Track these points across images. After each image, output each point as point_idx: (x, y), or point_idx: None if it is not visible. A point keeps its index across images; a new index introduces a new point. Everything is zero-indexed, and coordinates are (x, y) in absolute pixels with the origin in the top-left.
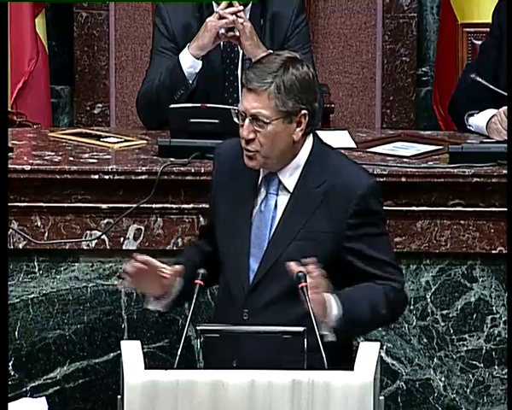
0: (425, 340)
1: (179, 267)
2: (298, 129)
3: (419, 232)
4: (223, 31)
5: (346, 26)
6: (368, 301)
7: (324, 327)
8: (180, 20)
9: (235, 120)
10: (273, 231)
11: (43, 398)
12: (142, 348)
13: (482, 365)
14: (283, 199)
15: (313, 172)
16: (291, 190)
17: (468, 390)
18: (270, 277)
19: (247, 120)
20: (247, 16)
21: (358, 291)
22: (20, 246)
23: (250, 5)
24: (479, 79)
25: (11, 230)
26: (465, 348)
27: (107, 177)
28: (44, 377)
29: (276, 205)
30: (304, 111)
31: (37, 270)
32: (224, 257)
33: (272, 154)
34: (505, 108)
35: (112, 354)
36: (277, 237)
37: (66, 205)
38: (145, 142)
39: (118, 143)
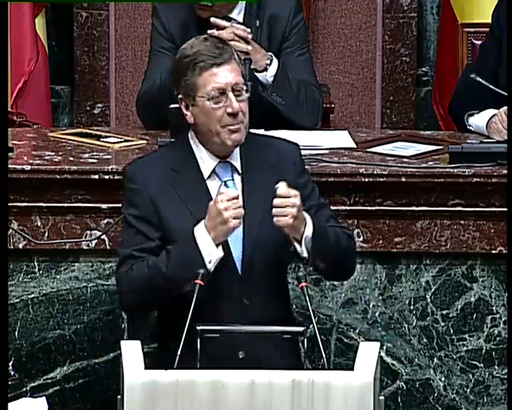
0: (425, 340)
1: None
2: None
3: (419, 232)
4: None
5: (346, 26)
6: (332, 230)
7: (300, 246)
8: (178, 19)
9: (207, 103)
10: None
11: (43, 398)
12: (142, 348)
13: (482, 365)
14: (238, 182)
15: (250, 149)
16: (240, 171)
17: (468, 390)
18: (257, 258)
19: (230, 94)
20: (241, 18)
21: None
22: (20, 246)
23: (244, 6)
24: (479, 79)
25: (11, 230)
26: (465, 348)
27: (107, 177)
28: (44, 377)
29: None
30: None
31: (37, 270)
32: None
33: (247, 122)
34: (505, 107)
35: (112, 354)
36: (249, 219)
37: (66, 205)
38: (145, 142)
39: (118, 143)
